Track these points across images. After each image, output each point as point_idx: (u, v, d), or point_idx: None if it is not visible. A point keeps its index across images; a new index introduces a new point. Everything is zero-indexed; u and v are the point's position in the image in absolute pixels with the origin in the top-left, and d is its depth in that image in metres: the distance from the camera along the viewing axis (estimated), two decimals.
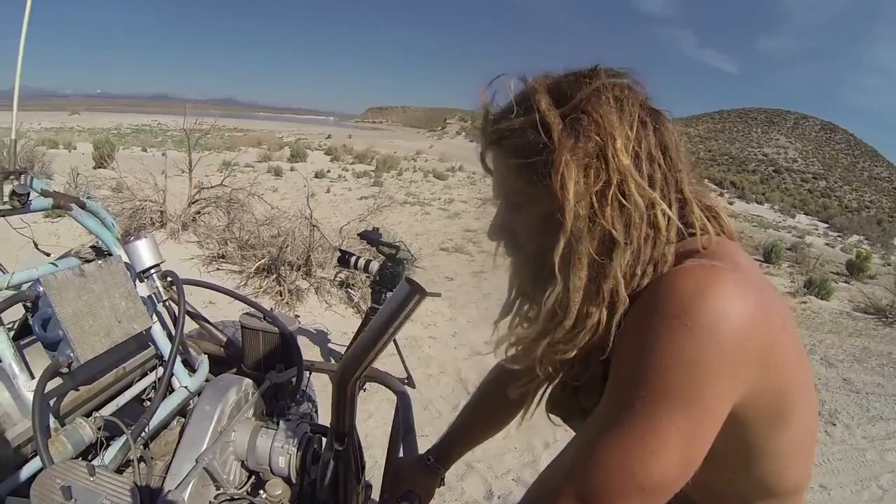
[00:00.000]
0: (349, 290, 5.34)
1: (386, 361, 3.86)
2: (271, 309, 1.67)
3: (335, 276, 5.32)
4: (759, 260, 12.45)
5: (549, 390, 0.88)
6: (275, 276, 4.78)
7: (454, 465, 1.22)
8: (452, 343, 4.77)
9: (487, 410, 1.16)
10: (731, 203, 35.36)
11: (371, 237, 3.16)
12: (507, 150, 0.72)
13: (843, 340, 8.06)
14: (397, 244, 3.19)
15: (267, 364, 1.63)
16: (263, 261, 4.74)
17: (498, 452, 3.25)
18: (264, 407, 1.43)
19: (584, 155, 0.64)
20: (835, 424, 4.79)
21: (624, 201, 0.64)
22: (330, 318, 4.93)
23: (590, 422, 0.66)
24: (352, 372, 1.01)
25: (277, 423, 1.30)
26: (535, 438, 3.50)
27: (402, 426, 1.49)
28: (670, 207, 0.67)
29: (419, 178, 17.60)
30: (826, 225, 37.89)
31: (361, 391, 3.30)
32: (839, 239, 30.53)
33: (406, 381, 3.69)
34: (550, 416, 0.88)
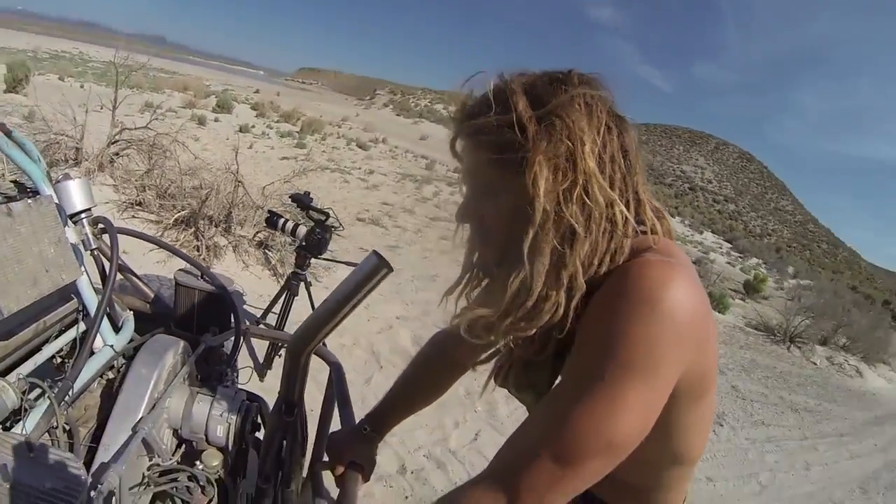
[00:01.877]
0: (267, 251, 5.16)
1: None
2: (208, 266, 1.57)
3: (254, 236, 5.11)
4: None
5: (500, 365, 0.96)
6: (193, 229, 4.52)
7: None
8: (365, 316, 4.72)
9: (428, 378, 1.21)
10: None
11: (302, 201, 3.02)
12: (482, 145, 0.76)
13: (734, 352, 8.81)
14: (327, 211, 3.08)
15: (201, 326, 1.52)
16: (183, 213, 4.46)
17: (409, 428, 3.28)
18: (197, 372, 1.35)
19: (555, 156, 0.70)
20: (722, 425, 5.22)
21: (587, 199, 0.71)
22: (246, 278, 4.74)
23: (557, 393, 0.74)
24: (306, 342, 0.98)
25: (214, 390, 1.22)
26: (446, 417, 3.58)
27: (338, 398, 1.45)
28: (627, 206, 0.76)
29: (342, 146, 17.22)
30: (730, 245, 40.85)
31: (278, 357, 3.20)
32: (740, 260, 33.20)
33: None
34: (500, 387, 0.97)
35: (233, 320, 1.49)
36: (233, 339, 1.49)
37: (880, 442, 6.78)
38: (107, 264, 1.31)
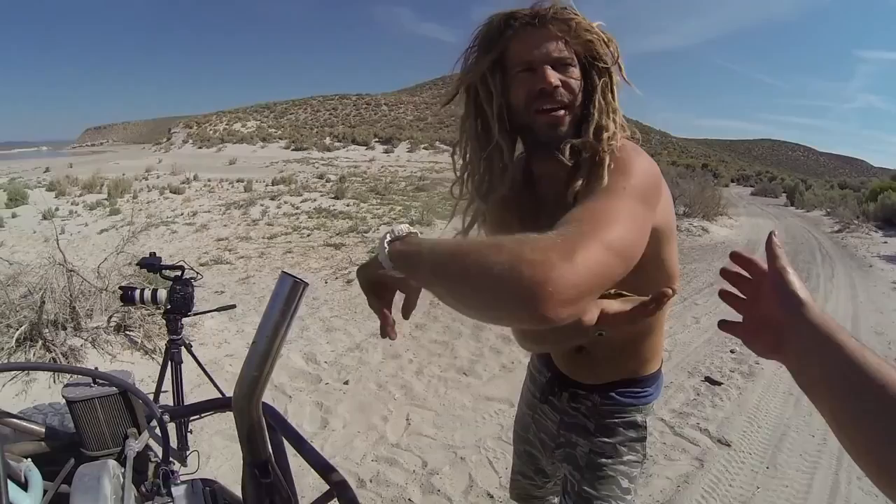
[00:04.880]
0: (128, 332, 4.68)
1: (196, 392, 3.51)
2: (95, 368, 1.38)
3: (108, 322, 4.61)
4: None
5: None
6: (41, 342, 3.97)
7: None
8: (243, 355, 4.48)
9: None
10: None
11: (152, 263, 2.73)
12: (573, 31, 1.00)
13: None
14: (181, 264, 2.81)
15: (115, 435, 1.35)
16: (23, 328, 3.88)
17: (345, 443, 3.25)
18: (146, 480, 1.20)
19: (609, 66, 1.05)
20: None
21: (612, 99, 1.06)
22: (120, 368, 4.26)
23: (589, 199, 0.88)
24: (251, 394, 0.93)
25: (170, 495, 1.09)
26: (373, 417, 3.58)
27: (290, 439, 1.36)
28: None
29: (156, 197, 16.02)
30: None
31: (189, 433, 2.92)
32: None
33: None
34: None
35: (149, 411, 1.33)
36: (158, 433, 1.34)
37: None
38: None
